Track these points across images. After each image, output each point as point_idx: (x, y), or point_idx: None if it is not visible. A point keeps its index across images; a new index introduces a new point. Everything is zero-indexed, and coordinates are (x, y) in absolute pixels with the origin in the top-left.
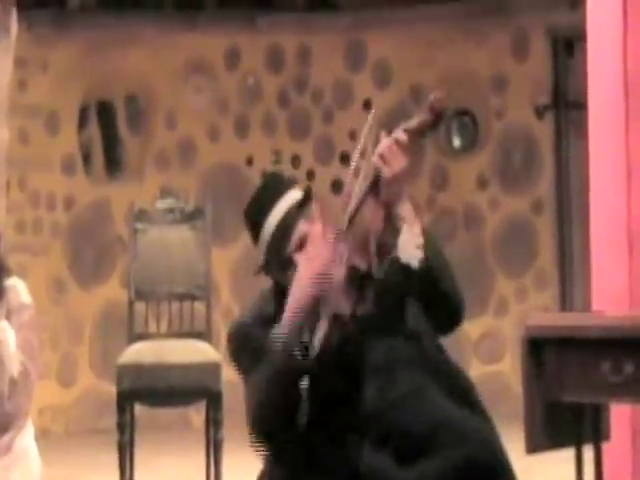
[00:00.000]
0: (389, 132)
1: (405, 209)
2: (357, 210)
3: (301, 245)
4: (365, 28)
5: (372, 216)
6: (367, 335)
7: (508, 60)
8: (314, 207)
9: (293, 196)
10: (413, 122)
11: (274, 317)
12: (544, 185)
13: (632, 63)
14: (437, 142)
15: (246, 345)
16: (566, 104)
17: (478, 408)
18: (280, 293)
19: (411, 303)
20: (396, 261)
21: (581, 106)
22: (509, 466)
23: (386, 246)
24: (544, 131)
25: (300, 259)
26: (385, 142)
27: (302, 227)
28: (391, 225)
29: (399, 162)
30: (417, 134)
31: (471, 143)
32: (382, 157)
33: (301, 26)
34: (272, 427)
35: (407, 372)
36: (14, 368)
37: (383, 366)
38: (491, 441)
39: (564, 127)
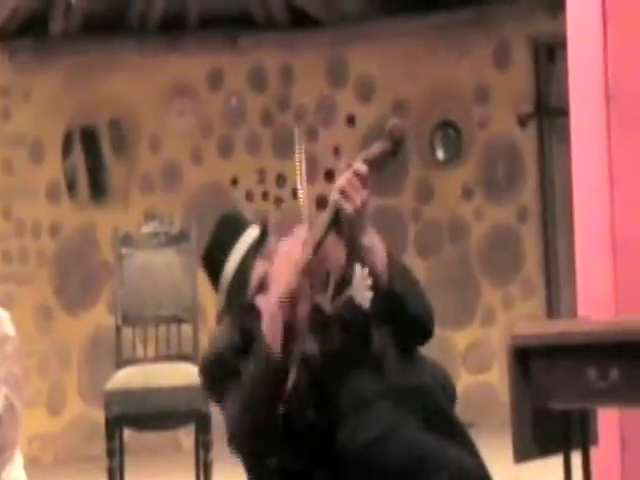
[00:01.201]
0: (348, 164)
1: (368, 239)
2: (318, 247)
3: (261, 287)
4: (346, 44)
5: (334, 253)
6: (334, 373)
7: (490, 70)
8: (271, 242)
9: (249, 236)
10: (372, 151)
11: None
12: (528, 193)
13: (613, 70)
14: (421, 154)
15: (221, 371)
16: (548, 111)
17: (453, 429)
18: (245, 336)
19: (376, 326)
20: (351, 300)
21: (564, 113)
22: None
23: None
24: (527, 139)
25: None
26: (344, 176)
27: (260, 268)
28: (355, 257)
29: (361, 195)
30: (377, 164)
31: (455, 154)
32: (343, 192)
33: (283, 45)
34: (252, 440)
35: (378, 408)
36: None
37: (354, 405)
38: (470, 467)
39: (547, 134)
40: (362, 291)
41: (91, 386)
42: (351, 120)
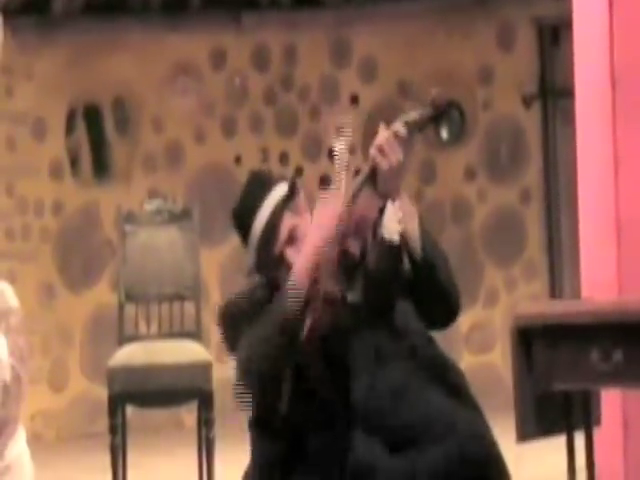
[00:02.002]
0: (388, 124)
1: (402, 203)
2: (353, 198)
3: (290, 239)
4: (350, 24)
5: (368, 205)
6: (356, 325)
7: (494, 51)
8: (301, 199)
9: (279, 192)
10: (413, 115)
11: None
12: (532, 175)
13: (618, 51)
14: (424, 135)
15: (235, 321)
16: (553, 92)
17: (468, 401)
18: (274, 288)
19: (400, 300)
20: (380, 240)
21: (568, 94)
22: (500, 457)
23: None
24: (531, 120)
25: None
26: (384, 134)
27: (289, 221)
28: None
29: (397, 155)
30: (416, 128)
31: (458, 135)
32: (380, 149)
33: (286, 24)
34: (265, 377)
35: (397, 366)
36: (7, 374)
37: (373, 359)
38: (481, 432)
39: (551, 115)
40: (392, 225)
41: (94, 363)
42: (354, 100)
